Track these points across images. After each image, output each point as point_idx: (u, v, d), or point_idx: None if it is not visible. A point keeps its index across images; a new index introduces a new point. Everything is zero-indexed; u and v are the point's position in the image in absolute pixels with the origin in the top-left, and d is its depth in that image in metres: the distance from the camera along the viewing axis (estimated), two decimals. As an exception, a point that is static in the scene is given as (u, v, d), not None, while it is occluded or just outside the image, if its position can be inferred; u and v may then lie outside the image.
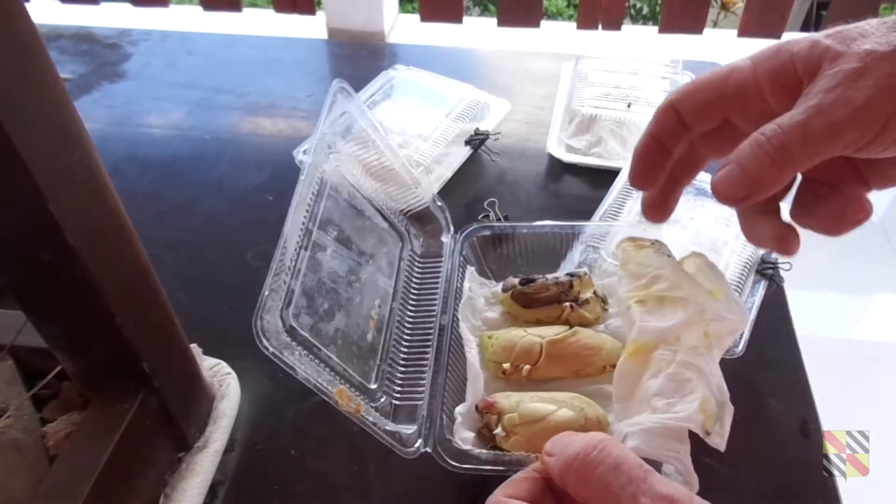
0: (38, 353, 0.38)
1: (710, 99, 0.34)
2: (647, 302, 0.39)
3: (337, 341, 0.41)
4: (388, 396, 0.42)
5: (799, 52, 0.31)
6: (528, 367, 0.43)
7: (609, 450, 0.28)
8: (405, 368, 0.44)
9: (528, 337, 0.44)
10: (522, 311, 0.47)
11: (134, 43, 0.90)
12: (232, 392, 0.46)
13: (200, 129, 0.75)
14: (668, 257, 0.41)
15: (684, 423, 0.34)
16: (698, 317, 0.37)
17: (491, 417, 0.40)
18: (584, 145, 0.68)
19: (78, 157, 0.29)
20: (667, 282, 0.39)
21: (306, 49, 0.92)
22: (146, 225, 0.36)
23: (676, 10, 1.48)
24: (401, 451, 0.38)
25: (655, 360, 0.37)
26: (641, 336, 0.38)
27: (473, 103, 0.70)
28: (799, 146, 0.29)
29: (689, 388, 0.35)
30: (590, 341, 0.44)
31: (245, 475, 0.44)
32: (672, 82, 0.73)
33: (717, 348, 0.37)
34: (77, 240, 0.29)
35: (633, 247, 0.42)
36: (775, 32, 1.50)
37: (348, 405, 0.38)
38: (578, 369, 0.43)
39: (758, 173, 0.30)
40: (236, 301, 0.55)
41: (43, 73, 0.27)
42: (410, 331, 0.47)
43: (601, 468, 0.27)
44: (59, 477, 0.33)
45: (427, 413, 0.41)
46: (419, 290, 0.50)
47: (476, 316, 0.48)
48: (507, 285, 0.47)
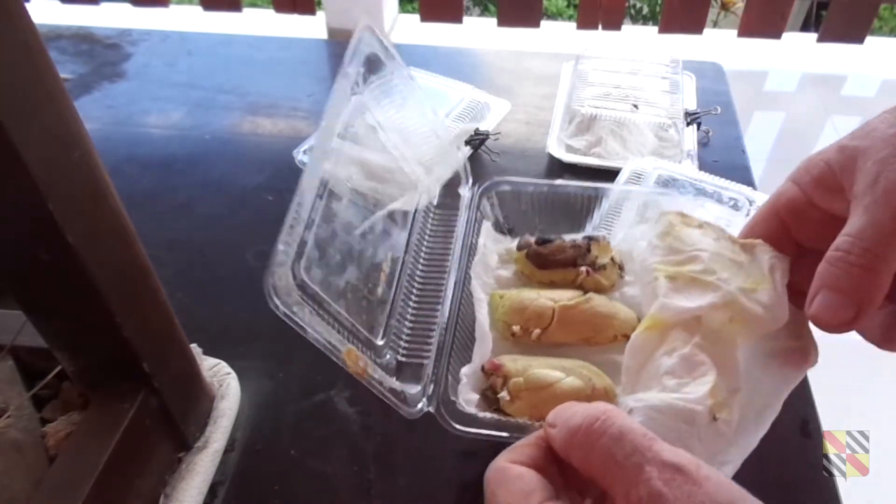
0: (38, 353, 0.38)
1: (766, 218, 0.36)
2: (677, 279, 0.37)
3: (346, 295, 0.39)
4: (393, 353, 0.41)
5: (830, 158, 0.32)
6: (538, 330, 0.42)
7: (612, 420, 0.27)
8: (413, 325, 0.43)
9: (541, 300, 0.42)
10: (536, 272, 0.45)
11: (134, 43, 0.90)
12: (232, 392, 0.46)
13: (200, 129, 0.75)
14: (715, 240, 0.39)
15: (692, 405, 0.33)
16: (725, 305, 0.36)
17: (496, 380, 0.39)
18: (584, 145, 0.68)
19: (78, 156, 0.29)
20: (703, 265, 0.37)
21: (306, 49, 0.92)
22: (146, 225, 0.36)
23: (676, 10, 1.48)
24: (404, 411, 0.37)
25: (672, 337, 0.36)
26: (662, 312, 0.36)
27: (473, 103, 0.70)
28: (880, 243, 0.29)
29: (702, 371, 0.34)
30: (603, 309, 0.42)
31: (245, 475, 0.44)
32: (672, 82, 0.73)
33: (740, 337, 0.36)
34: (77, 240, 0.29)
35: (681, 222, 0.40)
36: (775, 32, 1.50)
37: (356, 365, 0.36)
38: (589, 337, 0.42)
39: (856, 286, 0.29)
40: (236, 301, 0.55)
41: (43, 73, 0.27)
42: (421, 285, 0.45)
43: (604, 438, 0.27)
44: (59, 477, 0.33)
45: (432, 373, 0.40)
46: (433, 243, 0.48)
47: (488, 273, 0.46)
48: (522, 243, 0.46)
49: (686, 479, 0.25)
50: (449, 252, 0.47)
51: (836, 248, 0.29)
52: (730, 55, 1.59)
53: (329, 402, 0.47)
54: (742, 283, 0.37)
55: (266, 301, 0.55)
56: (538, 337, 0.42)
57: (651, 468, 0.25)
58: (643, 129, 0.67)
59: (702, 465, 0.26)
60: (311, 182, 0.38)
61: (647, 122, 0.67)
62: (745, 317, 0.36)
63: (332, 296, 0.38)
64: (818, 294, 0.30)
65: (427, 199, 0.52)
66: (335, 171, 0.42)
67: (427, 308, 0.44)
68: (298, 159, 0.62)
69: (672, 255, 0.39)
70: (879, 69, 1.72)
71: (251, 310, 0.54)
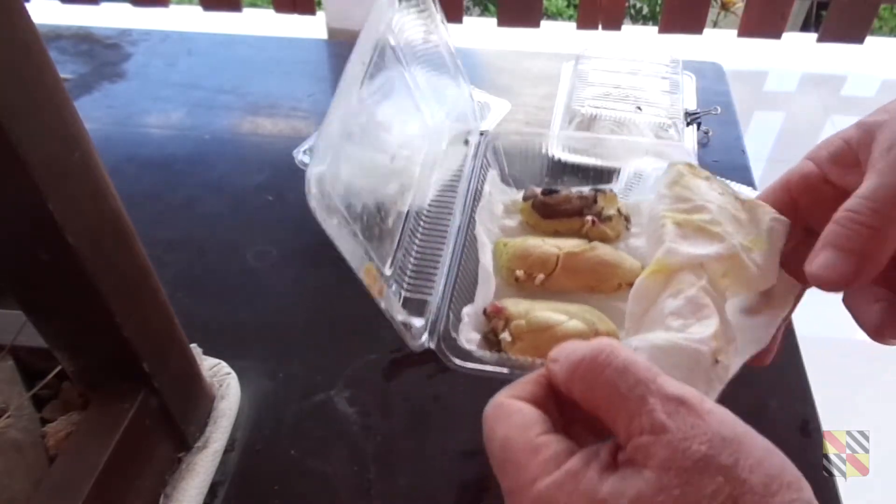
0: (38, 353, 0.38)
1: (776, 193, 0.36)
2: (685, 227, 0.38)
3: (363, 218, 0.39)
4: (398, 286, 0.41)
5: (848, 135, 0.32)
6: (542, 276, 0.42)
7: (617, 353, 0.26)
8: (418, 261, 0.43)
9: (546, 246, 0.42)
10: (541, 222, 0.45)
11: (134, 43, 0.90)
12: (232, 392, 0.46)
13: (200, 129, 0.75)
14: (721, 195, 0.39)
15: (696, 345, 0.32)
16: (730, 256, 0.36)
17: (498, 322, 0.39)
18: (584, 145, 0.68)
19: (78, 156, 0.29)
20: (710, 215, 0.37)
21: (306, 49, 0.92)
22: (146, 225, 0.36)
23: (676, 10, 1.48)
24: (409, 343, 0.38)
25: (677, 280, 0.36)
26: (669, 257, 0.36)
27: (473, 103, 0.70)
28: (890, 205, 0.29)
29: (707, 313, 0.34)
30: (608, 257, 0.42)
31: (245, 475, 0.44)
32: (672, 82, 0.73)
33: (729, 293, 0.36)
34: (77, 240, 0.29)
35: (690, 172, 0.40)
36: (775, 32, 1.50)
37: (374, 285, 0.36)
38: (593, 284, 0.42)
39: (860, 244, 0.29)
40: (236, 301, 0.55)
41: (43, 73, 0.27)
42: (427, 225, 0.45)
43: (608, 371, 0.26)
44: (59, 477, 0.33)
45: (435, 311, 0.40)
46: (439, 185, 0.48)
47: (493, 222, 0.46)
48: (528, 194, 0.46)
49: (689, 411, 0.24)
50: (455, 194, 0.47)
51: (845, 208, 0.30)
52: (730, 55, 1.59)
53: (329, 402, 0.47)
54: (742, 240, 0.37)
55: (266, 301, 0.55)
56: (542, 283, 0.42)
57: (654, 400, 0.24)
58: (643, 129, 0.67)
59: (705, 400, 0.25)
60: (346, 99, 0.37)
61: (647, 122, 0.67)
62: (739, 273, 0.36)
63: (352, 216, 0.38)
64: (820, 253, 0.30)
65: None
66: (385, 189, 0.43)
67: (432, 247, 0.44)
68: (298, 159, 0.62)
69: (680, 203, 0.39)
70: (879, 69, 1.73)
71: (251, 310, 0.55)
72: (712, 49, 1.62)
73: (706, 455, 0.23)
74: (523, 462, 0.26)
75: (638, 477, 0.23)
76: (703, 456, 0.23)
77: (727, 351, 0.34)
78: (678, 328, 0.34)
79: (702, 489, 0.22)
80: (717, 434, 0.23)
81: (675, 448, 0.23)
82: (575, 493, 0.24)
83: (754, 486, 0.23)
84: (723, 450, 0.23)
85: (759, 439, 0.25)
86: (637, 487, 0.23)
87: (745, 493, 0.22)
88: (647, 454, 0.24)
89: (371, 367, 0.49)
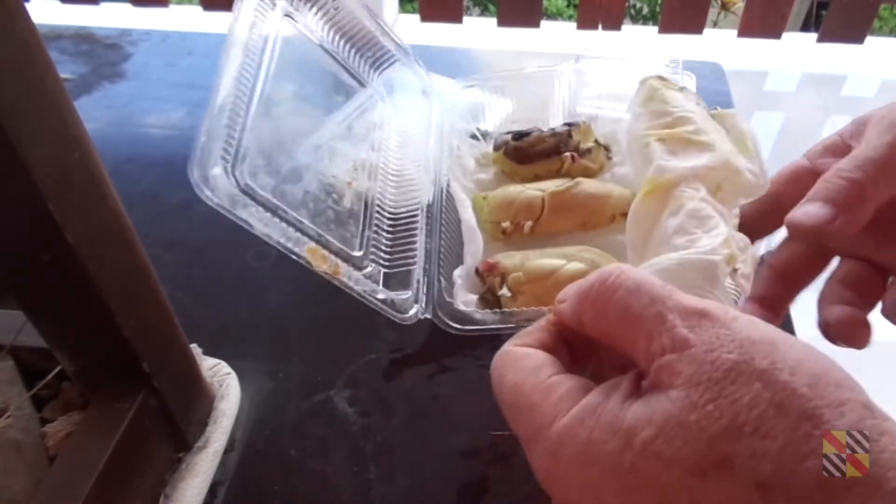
0: (38, 353, 0.38)
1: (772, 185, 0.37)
2: (669, 141, 0.36)
3: (308, 205, 0.37)
4: (376, 264, 0.39)
5: (843, 129, 0.34)
6: (529, 223, 0.40)
7: (627, 274, 0.24)
8: (392, 234, 0.41)
9: (528, 192, 0.40)
10: (518, 169, 0.43)
11: (134, 43, 0.90)
12: (232, 392, 0.46)
13: (200, 129, 0.75)
14: (698, 105, 0.37)
15: (708, 256, 0.30)
16: (722, 165, 0.34)
17: (494, 280, 0.37)
18: (583, 145, 0.67)
19: (78, 157, 0.29)
20: (694, 125, 0.36)
21: (306, 49, 0.92)
22: (146, 225, 0.36)
23: (676, 10, 1.48)
24: (397, 318, 0.36)
25: (675, 196, 0.33)
26: (660, 174, 0.34)
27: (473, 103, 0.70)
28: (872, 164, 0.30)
29: (713, 224, 0.32)
30: (595, 190, 0.40)
31: (245, 475, 0.44)
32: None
33: (726, 205, 0.34)
34: (77, 240, 0.29)
35: (662, 85, 0.39)
36: (775, 32, 1.50)
37: (323, 265, 0.34)
38: (585, 221, 0.40)
39: (838, 196, 0.30)
40: (236, 301, 0.55)
41: (43, 73, 0.27)
42: (395, 194, 0.43)
43: (620, 292, 0.24)
44: (59, 477, 0.33)
45: (423, 279, 0.38)
46: (402, 150, 0.45)
47: (468, 178, 0.44)
48: (498, 143, 0.44)
49: (714, 322, 0.22)
50: (421, 155, 0.44)
51: (834, 167, 0.31)
52: (730, 55, 1.59)
53: (329, 402, 0.47)
54: (731, 146, 0.36)
55: (266, 301, 0.55)
56: (531, 229, 0.40)
57: (674, 316, 0.22)
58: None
59: (729, 309, 0.23)
60: (229, 74, 0.37)
61: (647, 122, 0.67)
62: (734, 180, 0.34)
63: (290, 204, 0.36)
64: (804, 205, 0.31)
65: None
66: (333, 169, 0.41)
67: (405, 215, 0.42)
68: (298, 159, 0.62)
69: (660, 118, 0.37)
70: (879, 69, 1.72)
71: (251, 310, 0.55)
72: (712, 49, 1.62)
73: (737, 362, 0.20)
74: (537, 404, 0.24)
75: (664, 398, 0.21)
76: (733, 363, 0.20)
77: (744, 259, 0.32)
78: (684, 245, 0.31)
79: (738, 400, 0.20)
80: (748, 338, 0.21)
81: (701, 361, 0.21)
82: (597, 428, 0.22)
83: (797, 388, 0.20)
84: (755, 354, 0.20)
85: (795, 340, 0.22)
86: (665, 410, 0.20)
87: (789, 396, 0.20)
88: (672, 373, 0.21)
89: (371, 367, 0.49)
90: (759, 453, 0.19)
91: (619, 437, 0.21)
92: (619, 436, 0.21)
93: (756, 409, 0.20)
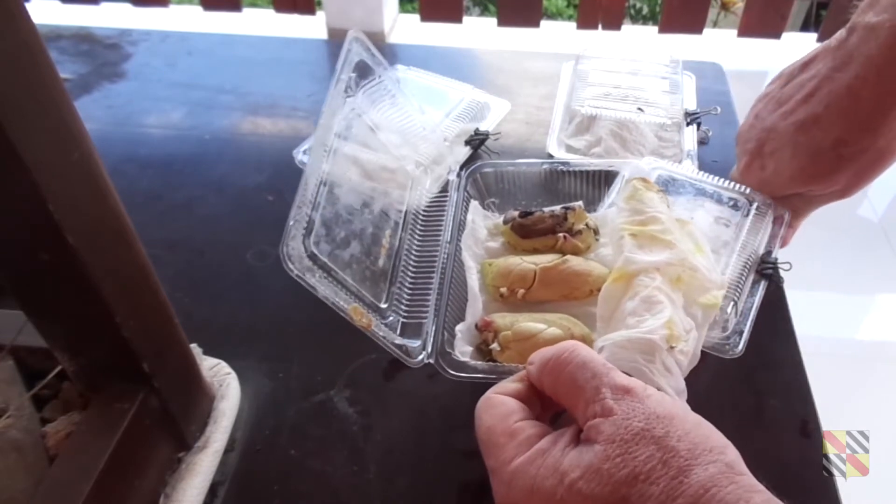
0: (38, 353, 0.38)
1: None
2: (640, 237, 0.44)
3: (352, 266, 0.46)
4: (396, 315, 0.47)
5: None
6: (522, 290, 0.47)
7: (578, 352, 0.33)
8: (412, 291, 0.49)
9: (524, 264, 0.48)
10: (521, 241, 0.51)
11: (134, 43, 0.90)
12: (232, 392, 0.46)
13: (200, 129, 0.75)
14: (668, 207, 0.46)
15: (648, 336, 0.38)
16: (679, 262, 0.42)
17: (488, 334, 0.45)
18: (583, 145, 0.68)
19: (78, 156, 0.29)
20: (661, 225, 0.44)
21: (306, 49, 0.92)
22: (146, 225, 0.36)
23: (676, 10, 1.48)
24: (407, 362, 0.43)
25: (634, 284, 0.41)
26: (627, 265, 0.42)
27: (473, 103, 0.70)
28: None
29: (659, 308, 0.39)
30: (579, 268, 0.48)
31: (245, 475, 0.44)
32: (672, 82, 0.73)
33: (686, 295, 0.42)
34: (77, 240, 0.29)
35: (644, 186, 0.47)
36: (775, 32, 1.50)
37: (361, 320, 0.42)
38: (568, 293, 0.47)
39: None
40: (236, 301, 0.55)
41: (43, 73, 0.27)
42: (417, 257, 0.51)
43: (570, 366, 0.32)
44: (59, 477, 0.33)
45: (431, 330, 0.45)
46: (426, 220, 0.54)
47: (479, 245, 0.52)
48: (507, 217, 0.52)
49: (633, 397, 0.30)
50: (441, 227, 0.53)
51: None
52: (730, 55, 1.59)
53: (329, 402, 0.47)
54: (692, 245, 0.44)
55: (266, 301, 0.55)
56: (523, 296, 0.47)
57: (606, 389, 0.30)
58: (643, 129, 0.67)
59: (648, 388, 0.31)
60: (314, 171, 0.45)
61: (647, 122, 0.67)
62: (692, 274, 0.42)
63: (340, 266, 0.45)
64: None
65: (425, 197, 0.52)
66: (334, 171, 0.47)
67: (424, 276, 0.50)
68: (298, 159, 0.62)
69: (636, 215, 0.45)
70: (879, 69, 1.72)
71: (251, 310, 0.55)
72: (712, 49, 1.62)
73: (643, 429, 0.28)
74: (502, 444, 0.32)
75: (590, 450, 0.29)
76: (640, 430, 0.28)
77: (686, 339, 0.39)
78: (634, 324, 0.39)
79: (638, 456, 0.28)
80: (653, 412, 0.29)
81: (618, 425, 0.29)
82: (543, 467, 0.30)
83: (681, 451, 0.28)
84: (656, 424, 0.28)
85: (690, 415, 0.30)
86: (589, 459, 0.29)
87: (673, 456, 0.27)
88: (597, 431, 0.29)
89: (371, 367, 0.49)
90: (646, 495, 0.27)
91: (556, 476, 0.29)
92: (556, 475, 0.29)
93: (649, 464, 0.27)
